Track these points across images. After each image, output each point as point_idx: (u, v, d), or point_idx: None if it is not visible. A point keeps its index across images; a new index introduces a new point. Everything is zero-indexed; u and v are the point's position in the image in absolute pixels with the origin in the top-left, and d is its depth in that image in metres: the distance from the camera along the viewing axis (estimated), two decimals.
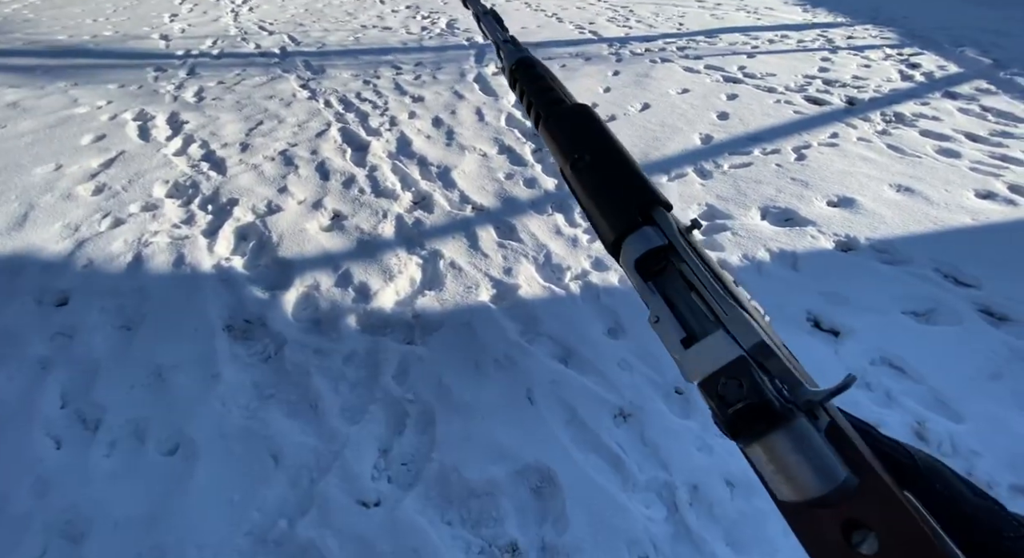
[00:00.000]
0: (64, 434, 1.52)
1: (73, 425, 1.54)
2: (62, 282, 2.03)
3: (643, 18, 5.76)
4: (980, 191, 2.48)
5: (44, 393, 1.61)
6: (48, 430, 1.52)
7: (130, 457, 1.45)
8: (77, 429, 1.53)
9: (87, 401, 1.60)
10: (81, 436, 1.51)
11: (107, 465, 1.43)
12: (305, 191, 2.62)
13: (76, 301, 1.95)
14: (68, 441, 1.50)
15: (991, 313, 1.81)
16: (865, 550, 0.22)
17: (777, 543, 1.20)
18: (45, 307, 1.94)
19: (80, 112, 3.41)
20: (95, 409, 1.57)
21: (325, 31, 5.22)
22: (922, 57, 4.37)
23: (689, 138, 3.06)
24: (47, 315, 1.90)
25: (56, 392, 1.63)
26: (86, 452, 1.46)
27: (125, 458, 1.45)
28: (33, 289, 2.00)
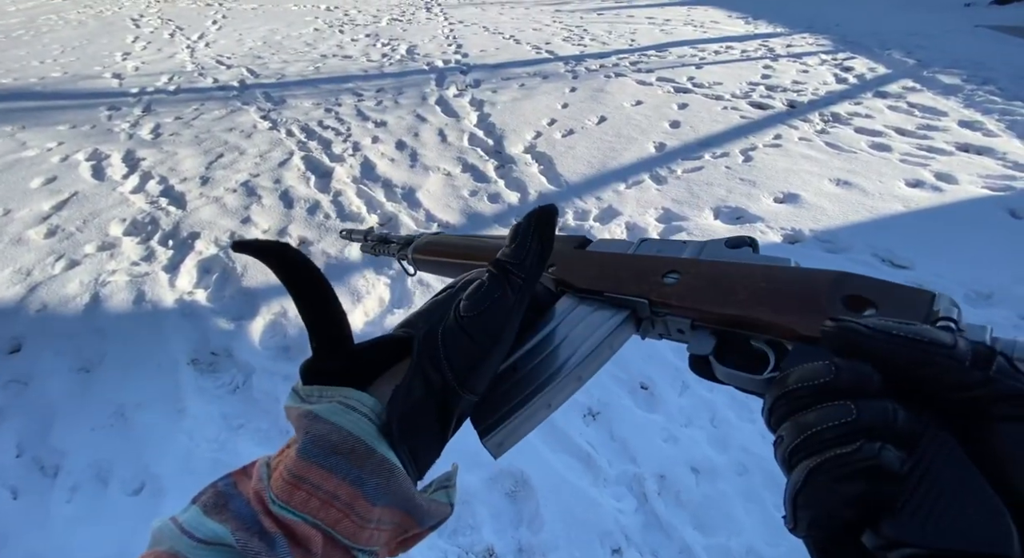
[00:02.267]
0: (21, 483, 1.46)
1: (31, 473, 1.49)
2: (14, 328, 1.97)
3: (597, 36, 6.00)
4: (910, 180, 2.67)
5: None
6: (3, 480, 1.47)
7: (93, 500, 1.41)
8: (35, 477, 1.48)
9: (45, 447, 1.55)
10: (40, 483, 1.46)
11: (69, 511, 1.39)
12: (269, 220, 2.62)
13: (30, 347, 1.89)
14: (25, 490, 1.45)
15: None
16: None
17: (741, 523, 1.25)
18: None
19: (28, 155, 3.33)
20: (54, 454, 1.52)
21: (284, 62, 5.26)
22: (854, 61, 4.68)
23: (644, 147, 3.19)
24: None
25: (11, 441, 1.57)
26: (46, 499, 1.41)
27: (87, 502, 1.41)
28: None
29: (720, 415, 1.51)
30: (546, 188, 2.83)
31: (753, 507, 1.28)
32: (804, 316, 0.27)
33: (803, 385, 0.22)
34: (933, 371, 0.20)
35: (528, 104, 3.92)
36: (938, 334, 0.21)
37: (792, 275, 0.30)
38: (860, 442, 0.19)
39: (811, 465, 0.20)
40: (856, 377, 0.21)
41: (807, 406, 0.21)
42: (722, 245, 0.34)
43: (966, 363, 0.20)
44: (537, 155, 3.17)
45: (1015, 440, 0.19)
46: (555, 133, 3.43)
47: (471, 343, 0.31)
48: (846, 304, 0.26)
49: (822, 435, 0.20)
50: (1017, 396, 0.19)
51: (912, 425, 0.20)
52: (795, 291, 0.28)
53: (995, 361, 0.20)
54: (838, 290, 0.27)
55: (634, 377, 1.64)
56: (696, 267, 0.33)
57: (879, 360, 0.21)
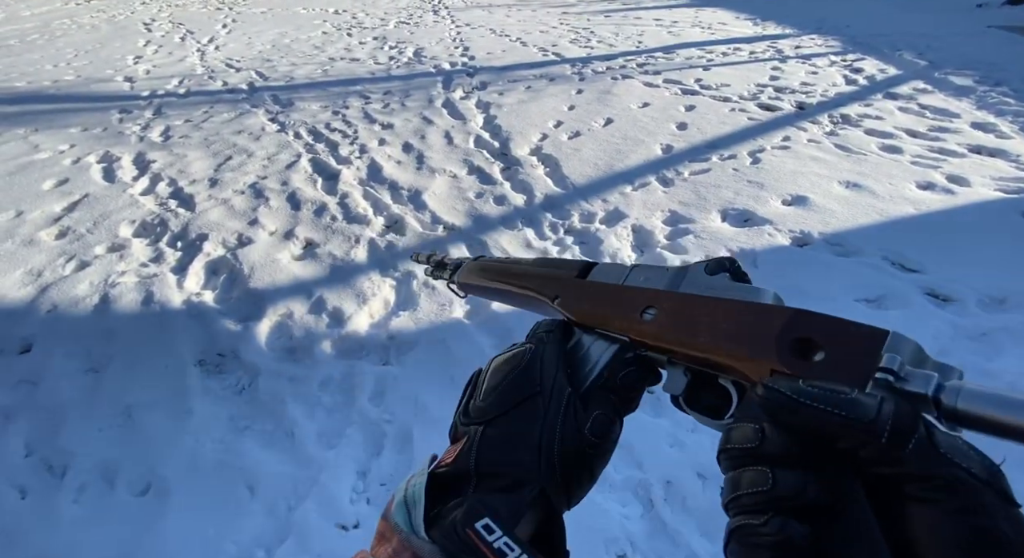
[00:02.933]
0: (29, 483, 1.48)
1: (39, 473, 1.50)
2: (24, 329, 1.99)
3: (604, 38, 5.99)
4: (921, 183, 2.63)
5: (7, 442, 1.57)
6: (12, 480, 1.48)
7: (100, 500, 1.42)
8: (43, 476, 1.49)
9: (53, 447, 1.56)
10: (47, 483, 1.47)
11: (76, 511, 1.40)
12: (276, 222, 2.63)
13: (39, 347, 1.91)
14: (34, 489, 1.46)
15: (936, 295, 1.90)
16: None
17: None
18: (7, 356, 1.90)
19: (41, 158, 3.38)
20: (62, 455, 1.54)
21: (293, 65, 5.30)
22: (864, 62, 4.63)
23: (651, 149, 3.18)
24: (9, 364, 1.86)
25: (20, 441, 1.59)
26: (53, 499, 1.42)
27: (94, 502, 1.41)
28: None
29: None
30: (552, 190, 2.82)
31: None
32: (754, 361, 0.27)
33: (735, 446, 0.24)
34: (852, 444, 0.21)
35: (534, 106, 3.91)
36: (860, 406, 0.21)
37: (749, 314, 0.29)
38: (769, 515, 0.21)
39: (732, 526, 0.22)
40: (778, 447, 0.22)
41: (739, 465, 0.23)
42: (701, 271, 0.34)
43: (883, 438, 0.20)
44: (543, 157, 3.16)
45: (924, 523, 0.19)
46: (561, 135, 3.42)
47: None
48: (794, 348, 0.27)
49: (742, 500, 0.22)
50: (928, 478, 0.20)
51: (825, 498, 0.21)
52: (748, 333, 0.28)
53: (913, 437, 0.20)
54: (789, 332, 0.27)
55: None
56: (670, 301, 0.33)
57: (803, 428, 0.22)
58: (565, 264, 0.43)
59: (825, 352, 0.26)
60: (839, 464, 0.22)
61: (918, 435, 0.20)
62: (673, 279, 0.35)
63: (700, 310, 0.31)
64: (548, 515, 0.30)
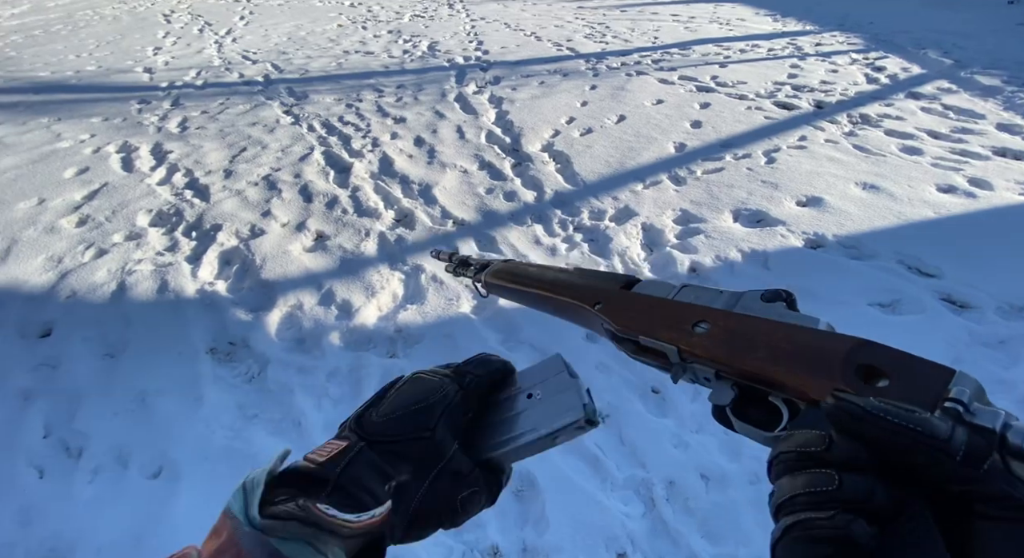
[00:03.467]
0: (47, 463, 1.52)
1: (56, 454, 1.55)
2: (45, 314, 2.04)
3: (619, 33, 5.93)
4: (941, 185, 2.57)
5: (27, 423, 1.62)
6: (31, 460, 1.53)
7: (113, 482, 1.46)
8: (60, 457, 1.54)
9: (70, 429, 1.60)
10: (64, 464, 1.52)
11: (90, 491, 1.44)
12: (288, 214, 2.66)
13: (59, 332, 1.96)
14: (51, 470, 1.50)
15: (952, 301, 1.86)
16: None
17: (751, 534, 1.23)
18: (28, 339, 1.95)
19: (63, 146, 3.45)
20: (78, 437, 1.58)
21: (308, 58, 5.34)
22: (887, 60, 4.52)
23: (663, 147, 3.14)
24: (30, 347, 1.91)
25: (39, 422, 1.63)
26: (69, 479, 1.47)
27: (108, 483, 1.45)
28: (16, 321, 2.01)
29: None
30: (562, 187, 2.81)
31: (764, 518, 1.25)
32: (816, 381, 0.28)
33: (799, 450, 0.23)
34: (923, 461, 0.21)
35: (547, 102, 3.89)
36: (934, 425, 0.21)
37: (812, 338, 0.30)
38: (835, 511, 0.21)
39: (789, 522, 0.22)
40: (846, 453, 0.22)
41: (800, 468, 0.23)
42: (757, 297, 0.35)
43: (957, 457, 0.21)
44: (554, 153, 3.15)
45: (992, 541, 0.20)
46: (573, 131, 3.40)
47: None
48: (859, 373, 0.27)
49: (805, 497, 0.22)
50: (1002, 498, 0.20)
51: (891, 504, 0.21)
52: (811, 356, 0.29)
53: (989, 459, 0.20)
54: (854, 358, 0.27)
55: (645, 381, 1.62)
56: (726, 319, 0.34)
57: (872, 441, 0.22)
58: (607, 276, 0.44)
59: (890, 380, 0.26)
60: (905, 477, 0.22)
61: (992, 459, 0.21)
62: (728, 300, 0.36)
63: (759, 329, 0.32)
64: (376, 544, 0.30)
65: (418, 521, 0.32)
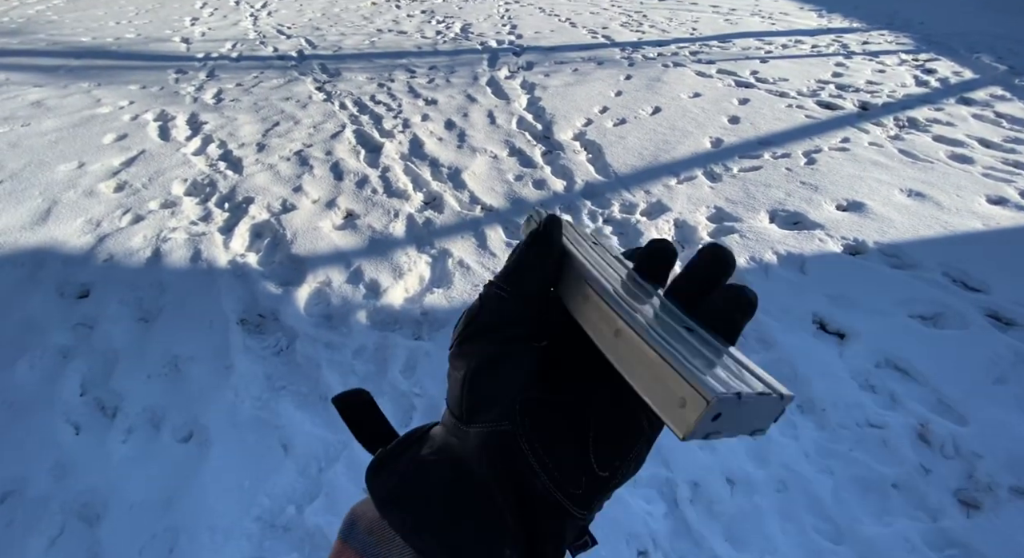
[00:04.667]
0: (83, 420, 1.57)
1: (92, 412, 1.60)
2: (83, 275, 2.10)
3: (656, 23, 5.78)
4: (992, 197, 2.46)
5: (64, 381, 1.67)
6: (67, 416, 1.58)
7: (146, 443, 1.50)
8: (96, 416, 1.59)
9: (106, 389, 1.65)
10: (99, 422, 1.56)
11: (124, 450, 1.48)
12: (319, 190, 2.67)
13: (97, 293, 2.01)
14: (87, 427, 1.55)
15: (998, 318, 1.79)
16: None
17: (776, 541, 1.21)
18: (67, 299, 2.01)
19: (103, 112, 3.51)
20: (113, 397, 1.63)
21: (342, 35, 5.32)
22: (937, 63, 4.33)
23: (699, 141, 3.07)
24: (69, 306, 1.97)
25: (76, 380, 1.69)
26: (104, 438, 1.51)
27: (141, 444, 1.50)
28: (56, 281, 2.07)
29: None
30: (593, 178, 2.77)
31: (790, 527, 1.24)
32: None
33: None
34: None
35: (580, 90, 3.82)
36: None
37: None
38: None
39: None
40: None
41: None
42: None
43: None
44: (586, 143, 3.10)
45: None
46: (606, 121, 3.34)
47: None
48: None
49: None
50: None
51: None
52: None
53: None
54: None
55: None
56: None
57: None
58: None
59: None
60: None
61: None
62: None
63: None
64: None
65: None
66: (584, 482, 0.25)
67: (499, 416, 0.26)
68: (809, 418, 1.50)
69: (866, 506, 1.30)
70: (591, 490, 0.25)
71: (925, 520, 1.27)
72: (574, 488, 0.25)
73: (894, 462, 1.39)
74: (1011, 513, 1.26)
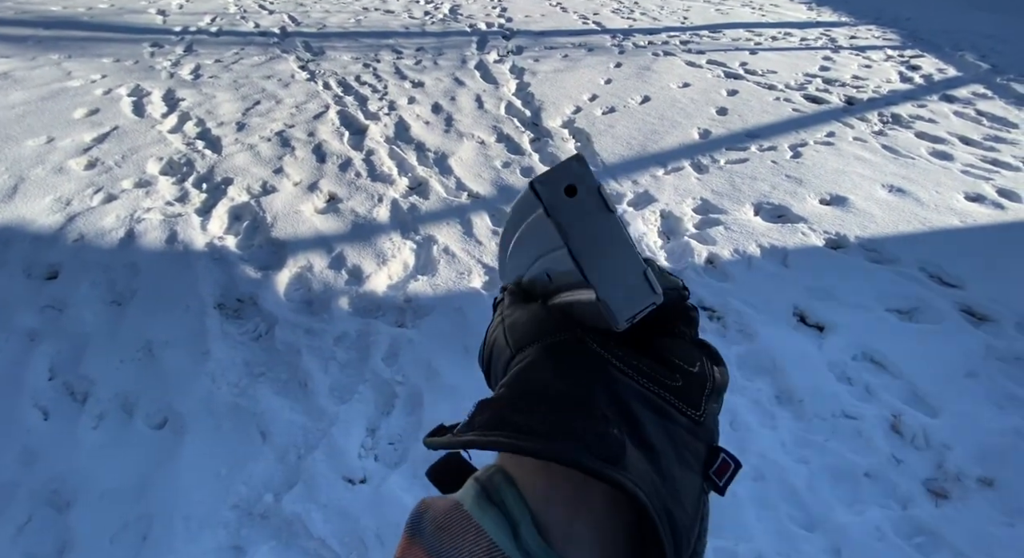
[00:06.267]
0: (52, 405, 1.52)
1: (61, 397, 1.55)
2: (52, 255, 2.02)
3: (648, 11, 5.72)
4: (970, 194, 2.51)
5: (32, 364, 1.61)
6: (35, 401, 1.53)
7: (118, 430, 1.46)
8: (65, 401, 1.54)
9: (76, 374, 1.60)
10: (69, 408, 1.52)
11: (95, 437, 1.44)
12: (301, 173, 2.61)
13: (66, 274, 1.94)
14: (56, 412, 1.51)
15: (972, 313, 1.84)
16: None
17: (752, 529, 1.23)
18: (35, 280, 1.93)
19: (73, 85, 3.36)
20: (84, 382, 1.58)
21: (326, 12, 5.16)
22: (922, 60, 4.38)
23: (687, 132, 3.06)
24: (37, 287, 1.89)
25: (44, 364, 1.63)
26: (74, 423, 1.47)
27: (113, 430, 1.46)
28: (23, 261, 1.99)
29: (740, 418, 1.48)
30: None
31: (766, 515, 1.26)
32: None
33: None
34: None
35: (570, 76, 3.78)
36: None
37: None
38: None
39: None
40: None
41: None
42: None
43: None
44: (575, 131, 3.07)
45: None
46: (595, 109, 3.31)
47: None
48: None
49: None
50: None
51: None
52: None
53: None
54: None
55: None
56: None
57: None
58: None
59: None
60: None
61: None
62: None
63: None
64: None
65: None
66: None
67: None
68: (787, 409, 1.53)
69: (839, 495, 1.33)
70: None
71: (896, 508, 1.31)
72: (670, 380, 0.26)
73: (868, 452, 1.42)
74: (978, 503, 1.30)
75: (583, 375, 0.25)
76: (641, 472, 0.22)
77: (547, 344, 0.27)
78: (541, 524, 0.22)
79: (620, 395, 0.24)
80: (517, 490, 0.23)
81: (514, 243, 0.32)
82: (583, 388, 0.24)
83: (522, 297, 0.32)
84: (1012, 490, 1.33)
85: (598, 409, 0.23)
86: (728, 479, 0.25)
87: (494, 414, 0.24)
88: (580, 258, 0.25)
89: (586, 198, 0.25)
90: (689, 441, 0.25)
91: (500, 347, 0.30)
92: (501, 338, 0.30)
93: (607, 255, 0.25)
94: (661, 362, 0.26)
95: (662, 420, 0.25)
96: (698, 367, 0.27)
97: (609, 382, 0.25)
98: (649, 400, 0.25)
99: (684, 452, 0.24)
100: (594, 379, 0.25)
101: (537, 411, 0.23)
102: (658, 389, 0.25)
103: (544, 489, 0.23)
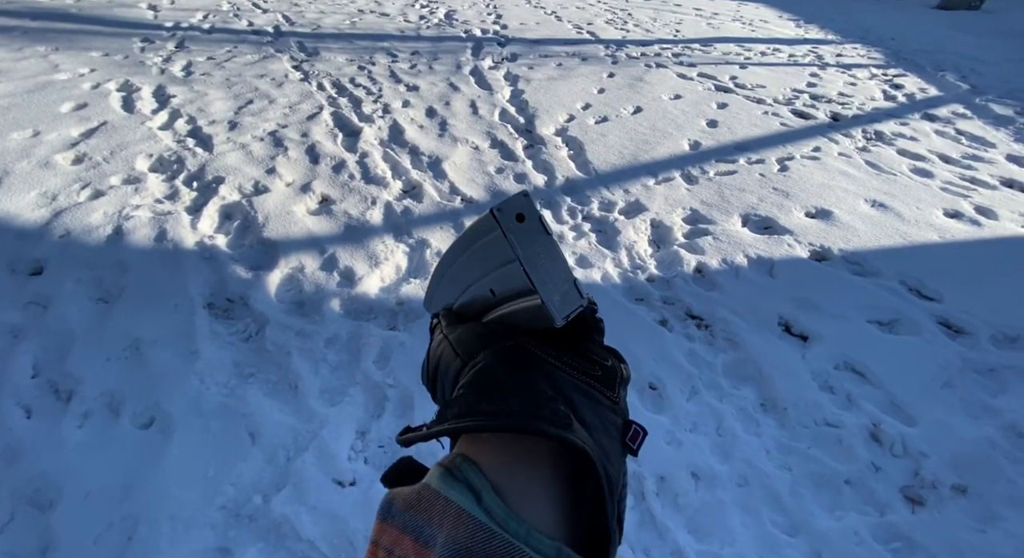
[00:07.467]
0: (35, 403, 1.50)
1: (45, 395, 1.52)
2: (37, 251, 1.98)
3: (641, 22, 5.82)
4: (949, 210, 2.60)
5: (15, 361, 1.58)
6: (18, 399, 1.50)
7: (103, 429, 1.44)
8: (49, 399, 1.51)
9: (60, 372, 1.57)
10: (53, 406, 1.49)
11: (79, 436, 1.42)
12: (294, 173, 2.60)
13: (51, 271, 1.91)
14: (39, 411, 1.48)
15: (949, 326, 1.90)
16: None
17: (736, 533, 1.26)
18: (19, 275, 1.90)
19: (61, 78, 3.31)
20: (68, 380, 1.55)
21: (321, 13, 5.15)
22: (905, 79, 4.52)
23: (678, 143, 3.12)
24: (21, 283, 1.86)
25: (28, 361, 1.60)
26: (58, 422, 1.44)
27: (98, 430, 1.44)
28: (6, 256, 1.95)
29: (726, 425, 1.51)
30: (574, 174, 2.78)
31: (750, 520, 1.29)
32: None
33: None
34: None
35: (564, 85, 3.83)
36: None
37: None
38: None
39: None
40: None
41: None
42: None
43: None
44: (568, 139, 3.11)
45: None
46: (588, 118, 3.36)
47: None
48: None
49: None
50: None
51: None
52: None
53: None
54: None
55: (644, 376, 1.64)
56: None
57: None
58: None
59: None
60: None
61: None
62: None
63: None
64: None
65: None
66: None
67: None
68: (771, 416, 1.57)
69: (820, 501, 1.37)
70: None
71: (874, 515, 1.35)
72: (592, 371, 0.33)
73: (848, 460, 1.46)
74: (952, 510, 1.35)
75: (529, 371, 0.32)
76: (583, 437, 0.28)
77: (495, 349, 0.33)
78: (500, 490, 0.26)
79: (558, 384, 0.31)
80: (478, 467, 0.27)
81: (454, 268, 0.38)
82: (530, 380, 0.31)
83: (456, 319, 0.39)
84: (984, 497, 1.38)
85: (545, 393, 0.30)
86: (639, 444, 0.32)
87: (464, 406, 0.29)
88: (528, 269, 0.32)
89: (531, 224, 0.33)
90: (610, 417, 0.32)
91: (447, 360, 0.36)
92: (449, 352, 0.36)
93: (547, 268, 0.33)
94: (584, 358, 0.34)
95: (590, 402, 0.31)
96: (611, 362, 0.34)
97: (548, 374, 0.31)
98: (579, 387, 0.32)
99: (608, 425, 0.31)
100: (537, 373, 0.31)
101: (498, 399, 0.29)
102: (585, 378, 0.32)
103: (500, 464, 0.27)
